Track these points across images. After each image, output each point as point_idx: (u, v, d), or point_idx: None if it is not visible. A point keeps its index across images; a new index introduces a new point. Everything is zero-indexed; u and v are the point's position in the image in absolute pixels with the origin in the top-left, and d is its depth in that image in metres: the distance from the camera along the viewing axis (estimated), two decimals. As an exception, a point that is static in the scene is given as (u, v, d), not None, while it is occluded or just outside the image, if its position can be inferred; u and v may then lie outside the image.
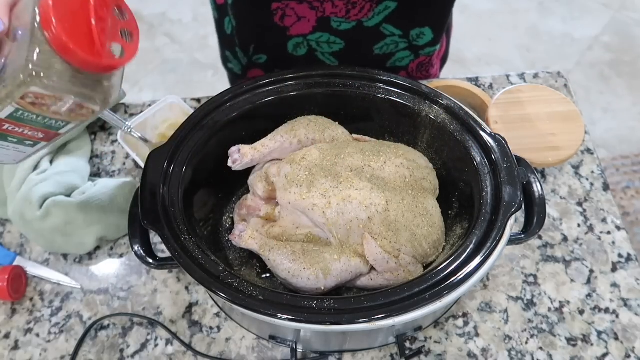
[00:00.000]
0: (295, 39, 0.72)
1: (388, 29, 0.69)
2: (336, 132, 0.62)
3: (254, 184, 0.60)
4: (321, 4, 0.65)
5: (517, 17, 2.11)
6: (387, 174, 0.56)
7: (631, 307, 0.64)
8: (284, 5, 0.66)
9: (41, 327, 0.65)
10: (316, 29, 0.70)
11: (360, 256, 0.54)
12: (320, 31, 0.70)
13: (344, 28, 0.69)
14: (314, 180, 0.55)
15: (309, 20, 0.68)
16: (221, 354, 0.62)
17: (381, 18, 0.67)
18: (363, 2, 0.64)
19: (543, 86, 0.75)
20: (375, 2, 0.64)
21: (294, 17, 0.68)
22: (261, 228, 0.58)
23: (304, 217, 0.56)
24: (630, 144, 1.78)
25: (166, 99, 0.76)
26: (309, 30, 0.70)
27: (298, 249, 0.54)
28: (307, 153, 0.58)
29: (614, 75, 1.95)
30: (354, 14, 0.66)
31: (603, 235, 0.69)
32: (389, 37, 0.71)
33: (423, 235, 0.54)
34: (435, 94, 0.59)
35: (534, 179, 0.54)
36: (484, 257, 0.47)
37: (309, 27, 0.69)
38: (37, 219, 0.64)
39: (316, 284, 0.52)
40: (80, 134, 0.77)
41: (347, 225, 0.54)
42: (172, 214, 0.51)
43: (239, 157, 0.58)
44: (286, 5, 0.66)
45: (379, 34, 0.70)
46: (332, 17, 0.67)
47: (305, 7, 0.66)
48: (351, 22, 0.68)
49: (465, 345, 0.62)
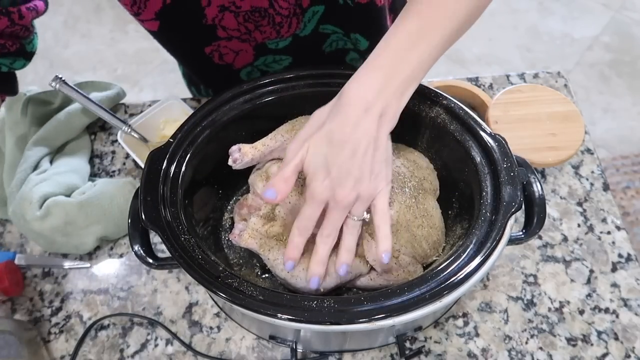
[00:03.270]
0: (245, 69, 0.72)
1: (327, 28, 0.68)
2: None
3: (254, 183, 0.60)
4: (249, 35, 0.65)
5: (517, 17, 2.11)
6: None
7: (631, 307, 0.64)
8: (215, 47, 0.67)
9: (41, 327, 0.65)
10: (257, 56, 0.70)
11: (360, 256, 0.54)
12: (263, 55, 0.70)
13: (283, 45, 0.68)
14: None
15: (246, 51, 0.68)
16: (221, 354, 0.62)
17: (314, 23, 0.66)
18: (287, 19, 0.63)
19: (543, 86, 0.75)
20: (300, 14, 0.63)
21: (231, 53, 0.68)
22: (261, 227, 0.58)
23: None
24: (630, 144, 1.78)
25: (166, 99, 0.76)
26: (251, 59, 0.70)
27: None
28: None
29: (614, 75, 1.95)
30: (285, 32, 0.66)
31: (603, 235, 0.69)
32: (332, 34, 0.69)
33: (423, 235, 0.54)
34: (435, 93, 0.59)
35: (534, 179, 0.54)
36: (484, 257, 0.47)
37: (250, 56, 0.70)
38: (37, 219, 0.64)
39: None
40: (80, 134, 0.77)
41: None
42: (172, 214, 0.51)
43: (239, 156, 0.58)
44: (217, 46, 0.66)
45: (320, 35, 0.69)
46: (266, 42, 0.67)
47: (235, 42, 0.66)
48: (287, 39, 0.67)
49: (465, 345, 0.62)
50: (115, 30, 2.18)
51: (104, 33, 2.17)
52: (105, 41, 2.15)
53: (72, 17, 2.22)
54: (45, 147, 0.73)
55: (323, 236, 0.49)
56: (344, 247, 0.50)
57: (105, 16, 2.21)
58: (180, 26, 0.63)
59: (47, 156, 0.73)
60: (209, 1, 0.59)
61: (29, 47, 0.61)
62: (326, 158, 0.46)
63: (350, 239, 0.50)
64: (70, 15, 2.23)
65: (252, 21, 0.63)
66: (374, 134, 0.46)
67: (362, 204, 0.47)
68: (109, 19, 2.20)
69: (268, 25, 0.64)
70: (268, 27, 0.64)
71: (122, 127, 0.72)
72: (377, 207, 0.48)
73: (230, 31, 0.64)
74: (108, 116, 0.72)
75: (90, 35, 2.17)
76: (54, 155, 0.75)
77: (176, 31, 0.65)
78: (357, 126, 0.45)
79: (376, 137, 0.46)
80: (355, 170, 0.45)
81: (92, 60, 2.10)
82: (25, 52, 0.61)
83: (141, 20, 0.61)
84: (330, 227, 0.48)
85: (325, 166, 0.46)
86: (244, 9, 0.61)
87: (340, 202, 0.46)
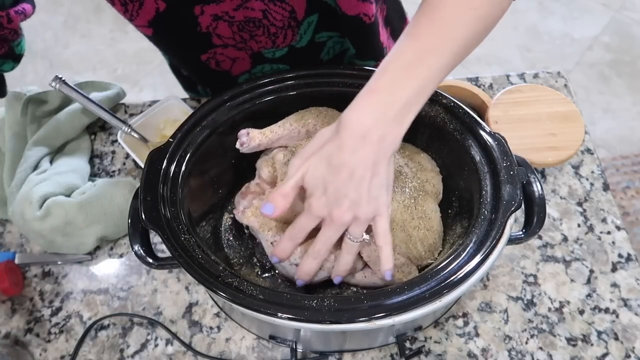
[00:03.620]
0: (242, 76, 0.72)
1: (323, 35, 0.67)
2: None
3: (260, 168, 0.61)
4: (245, 44, 0.65)
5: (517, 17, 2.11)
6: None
7: (631, 307, 0.64)
8: (211, 54, 0.66)
9: (41, 327, 0.65)
10: (255, 64, 0.70)
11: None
12: (260, 64, 0.70)
13: (280, 55, 0.68)
14: None
15: (243, 59, 0.68)
16: (221, 354, 0.62)
17: (310, 34, 0.66)
18: (282, 30, 0.63)
19: (543, 86, 0.75)
20: (295, 26, 0.63)
21: (227, 61, 0.68)
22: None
23: (304, 205, 0.56)
24: (630, 144, 1.78)
25: (166, 99, 0.76)
26: (248, 67, 0.70)
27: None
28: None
29: (614, 75, 1.95)
30: (281, 42, 0.65)
31: (603, 235, 0.69)
32: (329, 41, 0.69)
33: (419, 237, 0.54)
34: (435, 93, 0.59)
35: (534, 178, 0.54)
36: (483, 255, 0.47)
37: (247, 64, 0.69)
38: (37, 219, 0.64)
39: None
40: (80, 134, 0.77)
41: None
42: (172, 214, 0.51)
43: (246, 140, 0.59)
44: (213, 53, 0.66)
45: (317, 44, 0.68)
46: (262, 51, 0.67)
47: (231, 50, 0.66)
48: (283, 49, 0.67)
49: (465, 345, 0.62)
50: (115, 30, 2.18)
51: (104, 33, 2.18)
52: (105, 41, 2.15)
53: (72, 17, 2.22)
54: (45, 147, 0.73)
55: (314, 251, 0.50)
56: (341, 263, 0.52)
57: (105, 16, 2.22)
58: (174, 33, 0.63)
59: (47, 156, 0.73)
60: (202, 10, 0.59)
61: (18, 50, 0.62)
62: (324, 178, 0.46)
63: (348, 258, 0.51)
64: (70, 15, 2.23)
65: (247, 31, 0.63)
66: (372, 160, 0.45)
67: (359, 225, 0.48)
68: (109, 19, 2.20)
69: (263, 35, 0.64)
70: (263, 37, 0.64)
71: (122, 127, 0.72)
72: (377, 230, 0.49)
73: (226, 39, 0.64)
74: (108, 116, 0.72)
75: (90, 35, 2.17)
76: (54, 155, 0.75)
77: (171, 38, 0.65)
78: (354, 152, 0.45)
79: (375, 163, 0.46)
80: (352, 192, 0.46)
81: (92, 60, 2.10)
82: (14, 55, 0.62)
83: (135, 25, 0.61)
84: (321, 244, 0.49)
85: (324, 185, 0.47)
86: (237, 19, 0.61)
87: (335, 220, 0.47)
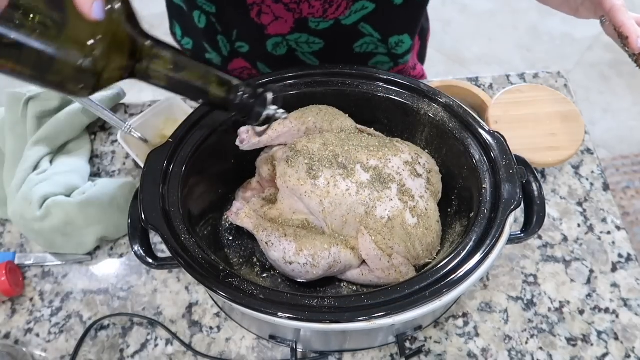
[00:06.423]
0: (274, 39, 0.71)
1: (366, 28, 0.69)
2: (345, 124, 0.62)
3: (260, 166, 0.61)
4: (298, 6, 0.65)
5: (517, 17, 2.11)
6: (390, 171, 0.56)
7: (631, 307, 0.64)
8: (260, 1, 0.66)
9: (41, 327, 0.65)
10: (294, 30, 0.69)
11: (352, 249, 0.55)
12: (299, 32, 0.70)
13: (322, 27, 0.68)
14: (314, 169, 0.55)
15: (286, 21, 0.68)
16: (221, 354, 0.62)
17: (358, 17, 0.67)
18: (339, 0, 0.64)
19: (543, 86, 0.75)
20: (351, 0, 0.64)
21: (271, 15, 0.67)
22: (260, 209, 0.59)
23: (301, 203, 0.56)
24: (630, 144, 1.77)
25: (166, 99, 0.76)
26: (287, 31, 0.70)
27: (291, 233, 0.54)
28: (310, 141, 0.58)
29: (614, 75, 1.95)
30: (331, 13, 0.66)
31: (603, 235, 0.69)
32: (367, 37, 0.70)
33: (418, 236, 0.54)
34: (434, 92, 0.59)
35: (534, 178, 0.54)
36: (483, 254, 0.47)
37: (287, 27, 0.69)
38: (37, 219, 0.64)
39: (304, 270, 0.53)
40: (80, 134, 0.77)
41: (343, 217, 0.54)
42: (172, 214, 0.51)
43: (247, 137, 0.59)
44: (262, 1, 0.65)
45: (357, 32, 0.70)
46: (309, 18, 0.67)
47: (281, 7, 0.65)
48: (329, 21, 0.67)
49: (465, 345, 0.62)
50: (116, 31, 2.17)
51: (104, 34, 2.17)
52: (105, 42, 2.15)
53: (72, 18, 2.22)
54: (45, 147, 0.73)
55: None
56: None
57: (106, 17, 2.21)
58: None
59: (47, 156, 0.73)
60: None
61: None
62: None
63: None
64: (70, 15, 2.22)
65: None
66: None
67: None
68: (109, 19, 2.20)
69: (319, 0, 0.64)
70: (319, 3, 0.64)
71: (122, 127, 0.72)
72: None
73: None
74: (108, 116, 0.72)
75: (90, 36, 2.17)
76: (54, 155, 0.75)
77: None
78: None
79: None
80: None
81: (92, 61, 2.10)
82: None
83: None
84: None
85: None
86: None
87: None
